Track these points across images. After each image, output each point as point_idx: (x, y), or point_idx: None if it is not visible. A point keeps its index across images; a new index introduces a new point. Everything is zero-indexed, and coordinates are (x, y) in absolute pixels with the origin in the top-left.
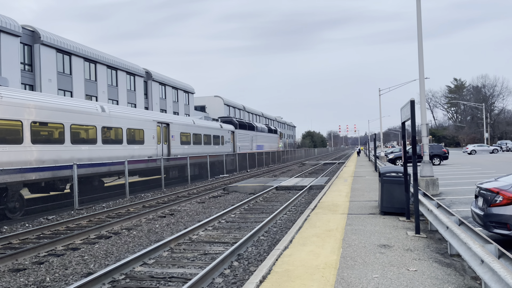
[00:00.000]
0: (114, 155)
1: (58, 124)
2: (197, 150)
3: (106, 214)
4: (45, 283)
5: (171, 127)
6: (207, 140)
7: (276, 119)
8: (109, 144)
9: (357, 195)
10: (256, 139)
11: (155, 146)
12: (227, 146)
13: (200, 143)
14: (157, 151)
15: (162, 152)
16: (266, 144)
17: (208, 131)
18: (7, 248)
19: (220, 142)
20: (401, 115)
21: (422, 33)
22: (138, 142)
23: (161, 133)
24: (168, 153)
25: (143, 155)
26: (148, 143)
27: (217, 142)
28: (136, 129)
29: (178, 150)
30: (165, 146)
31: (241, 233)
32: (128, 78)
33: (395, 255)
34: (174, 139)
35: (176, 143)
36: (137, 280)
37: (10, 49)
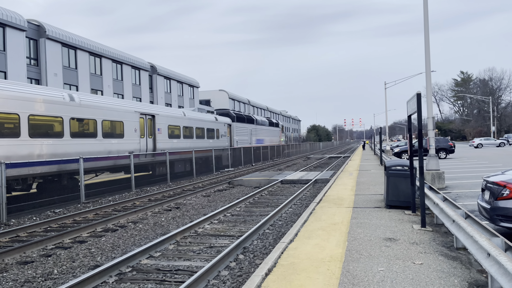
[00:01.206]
0: (86, 150)
1: (12, 114)
2: (188, 144)
3: (112, 208)
4: (52, 275)
5: (157, 119)
6: (199, 134)
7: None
8: (79, 138)
9: (363, 189)
10: (255, 132)
11: (138, 140)
12: (223, 140)
13: (191, 137)
14: (140, 146)
15: (146, 147)
16: (267, 138)
17: (201, 124)
18: (15, 241)
19: (214, 136)
20: (407, 109)
21: (429, 25)
22: (117, 135)
23: (145, 126)
24: (154, 148)
25: (123, 150)
26: (129, 137)
27: (211, 135)
28: (114, 121)
29: (166, 144)
30: (150, 140)
31: (247, 226)
32: (133, 72)
33: (400, 248)
34: (161, 133)
35: (163, 136)
36: (144, 273)
37: (15, 43)
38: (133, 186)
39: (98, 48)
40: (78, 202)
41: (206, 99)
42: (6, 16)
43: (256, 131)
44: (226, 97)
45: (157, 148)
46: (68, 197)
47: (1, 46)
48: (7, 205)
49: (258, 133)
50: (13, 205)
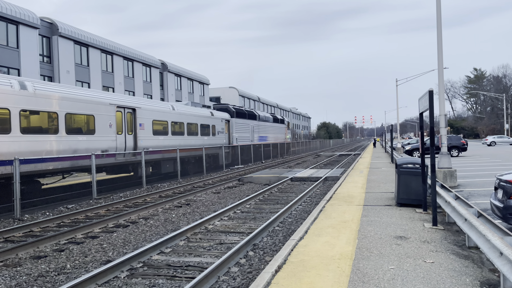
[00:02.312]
0: (42, 149)
1: None
2: (178, 142)
3: (123, 204)
4: (65, 270)
5: (139, 113)
6: (192, 130)
7: (291, 110)
8: (33, 134)
9: (373, 187)
10: (258, 129)
11: (114, 136)
12: (220, 137)
13: (181, 133)
14: (117, 144)
15: (125, 145)
16: (271, 135)
17: (194, 119)
18: (29, 236)
19: (210, 133)
20: (419, 106)
21: (441, 22)
22: (86, 131)
23: (124, 121)
24: (135, 145)
25: (93, 149)
26: (102, 133)
27: (206, 132)
28: (82, 114)
29: (150, 142)
30: (130, 138)
31: (256, 223)
32: (144, 70)
33: (411, 246)
34: (144, 129)
35: (146, 133)
36: (155, 268)
37: (29, 41)
38: (144, 182)
39: (109, 46)
40: (90, 198)
41: (216, 96)
42: (20, 14)
43: (258, 127)
44: (236, 94)
45: (138, 146)
46: (80, 193)
47: (14, 43)
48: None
49: (261, 129)
50: (27, 201)
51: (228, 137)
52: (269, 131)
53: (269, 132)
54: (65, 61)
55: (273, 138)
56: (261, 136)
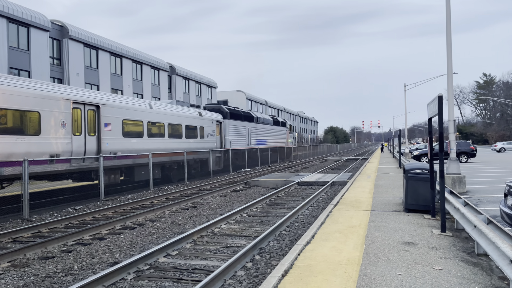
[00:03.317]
0: None
1: None
2: (156, 145)
3: (130, 206)
4: (73, 271)
5: (104, 111)
6: (175, 132)
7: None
8: None
9: (381, 192)
10: (255, 132)
11: (68, 138)
12: (210, 141)
13: (161, 136)
14: (73, 147)
15: (85, 148)
16: (270, 138)
17: (177, 119)
18: (37, 237)
19: (197, 135)
20: (428, 111)
21: (451, 26)
22: (28, 132)
23: (84, 120)
24: (98, 149)
25: (38, 153)
26: (51, 134)
27: (192, 134)
28: (20, 110)
29: (119, 145)
30: (92, 139)
31: (263, 227)
32: (153, 72)
33: (419, 253)
34: (111, 129)
35: (114, 134)
36: (161, 271)
37: (39, 43)
38: (151, 185)
39: (118, 49)
40: (97, 200)
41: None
42: (30, 17)
43: (256, 130)
44: (243, 98)
45: (103, 150)
46: (88, 194)
47: (25, 46)
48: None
49: (259, 132)
50: (35, 201)
51: (220, 141)
52: (268, 135)
53: (269, 136)
54: (75, 63)
55: (273, 142)
56: (259, 140)
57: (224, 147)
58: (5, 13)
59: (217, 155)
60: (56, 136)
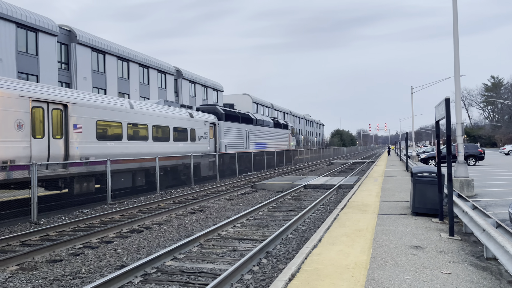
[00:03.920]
0: None
1: None
2: (137, 148)
3: (137, 209)
4: (80, 274)
5: (74, 110)
6: (161, 134)
7: (304, 117)
8: None
9: (388, 195)
10: (254, 134)
11: (26, 141)
12: (202, 144)
13: (143, 139)
14: (32, 151)
15: (49, 153)
16: (271, 141)
17: (163, 121)
18: (45, 240)
19: (188, 138)
20: (435, 114)
21: (458, 29)
22: None
23: (47, 120)
24: (66, 154)
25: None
26: (3, 137)
27: (181, 137)
28: None
29: (92, 149)
30: (57, 143)
31: (270, 230)
32: (159, 76)
33: (428, 257)
34: (82, 131)
35: (85, 137)
36: (168, 274)
37: (48, 48)
38: (158, 188)
39: (125, 53)
40: (105, 203)
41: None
42: (39, 22)
43: (255, 133)
44: (249, 101)
45: (71, 155)
46: (95, 198)
47: (33, 50)
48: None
49: (258, 135)
50: (43, 205)
51: (214, 144)
52: (269, 137)
53: (269, 138)
54: (83, 67)
55: (274, 145)
56: (259, 143)
57: (219, 151)
58: (14, 18)
59: (210, 160)
60: (10, 139)
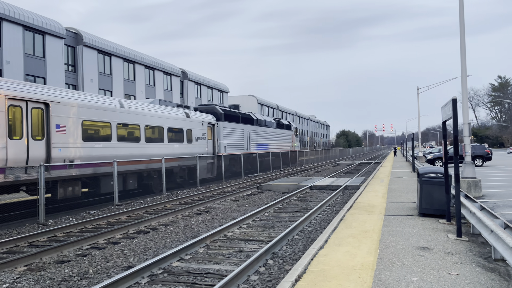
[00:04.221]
0: None
1: None
2: (129, 150)
3: (144, 210)
4: (88, 274)
5: (56, 109)
6: (154, 135)
7: (310, 118)
8: None
9: (394, 196)
10: (255, 135)
11: (2, 143)
12: (200, 145)
13: (136, 140)
14: (8, 154)
15: (28, 155)
16: (273, 142)
17: (156, 121)
18: (53, 241)
19: (184, 139)
20: (442, 114)
21: (464, 29)
22: None
23: (26, 120)
24: (47, 156)
25: None
26: None
27: (177, 138)
28: None
29: (78, 150)
30: (38, 144)
31: (276, 231)
32: (165, 78)
33: (435, 258)
34: (65, 132)
35: (70, 138)
36: (175, 275)
37: (55, 50)
38: (164, 189)
39: (131, 55)
40: (111, 204)
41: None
42: (46, 24)
43: (256, 133)
44: (255, 102)
45: (53, 157)
46: (102, 199)
47: (41, 53)
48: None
49: (260, 136)
50: (51, 206)
51: (212, 145)
52: (271, 138)
53: (271, 139)
54: (89, 70)
55: (276, 146)
56: (260, 144)
57: (217, 152)
58: (21, 21)
59: (209, 162)
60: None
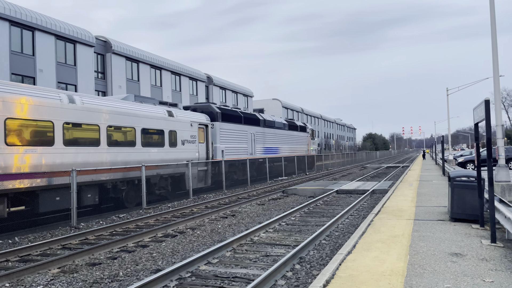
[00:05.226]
0: None
1: None
2: (83, 157)
3: (171, 214)
4: (118, 277)
5: None
6: (123, 138)
7: (335, 121)
8: None
9: (424, 200)
10: (263, 138)
11: None
12: (188, 150)
13: (94, 143)
14: None
15: None
16: (285, 146)
17: (125, 120)
18: (84, 244)
19: (166, 142)
20: (474, 116)
21: (496, 27)
22: None
23: None
24: None
25: None
26: None
27: (156, 142)
28: None
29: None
30: None
31: (302, 236)
32: (191, 83)
33: (468, 264)
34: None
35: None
36: (202, 279)
37: (85, 58)
38: (191, 193)
39: (158, 61)
40: (140, 208)
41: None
42: (77, 33)
43: (263, 136)
44: (279, 106)
45: None
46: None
47: (72, 61)
48: (77, 210)
49: (268, 138)
50: (82, 209)
51: (206, 149)
52: (281, 141)
53: (282, 142)
54: (118, 76)
55: (289, 149)
56: (268, 148)
57: (212, 158)
58: (53, 30)
59: (201, 169)
60: None
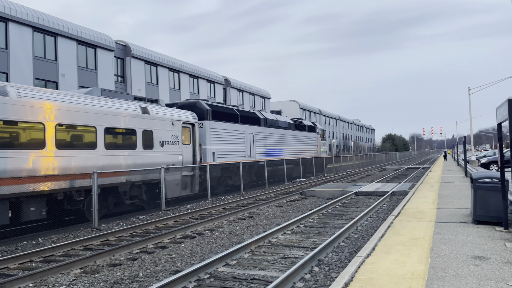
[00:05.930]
0: None
1: None
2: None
3: (190, 215)
4: (138, 278)
5: None
6: (79, 140)
7: (354, 122)
8: None
9: (446, 202)
10: (264, 139)
11: None
12: (168, 152)
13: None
14: None
15: None
16: (290, 147)
17: (84, 118)
18: (105, 245)
19: (139, 144)
20: (497, 116)
21: None
22: None
23: None
24: None
25: None
26: None
27: (125, 143)
28: None
29: None
30: None
31: (321, 238)
32: (208, 86)
33: (492, 268)
34: None
35: None
36: (221, 280)
37: (105, 62)
38: (209, 195)
39: (176, 64)
40: (159, 210)
41: (277, 109)
42: (98, 38)
43: (264, 136)
44: (297, 107)
45: None
46: (150, 204)
47: (93, 65)
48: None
49: (269, 139)
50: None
51: (192, 151)
52: (286, 142)
53: (287, 143)
54: (137, 80)
55: (295, 151)
56: (270, 150)
57: (200, 161)
58: (75, 35)
59: (185, 174)
60: None
